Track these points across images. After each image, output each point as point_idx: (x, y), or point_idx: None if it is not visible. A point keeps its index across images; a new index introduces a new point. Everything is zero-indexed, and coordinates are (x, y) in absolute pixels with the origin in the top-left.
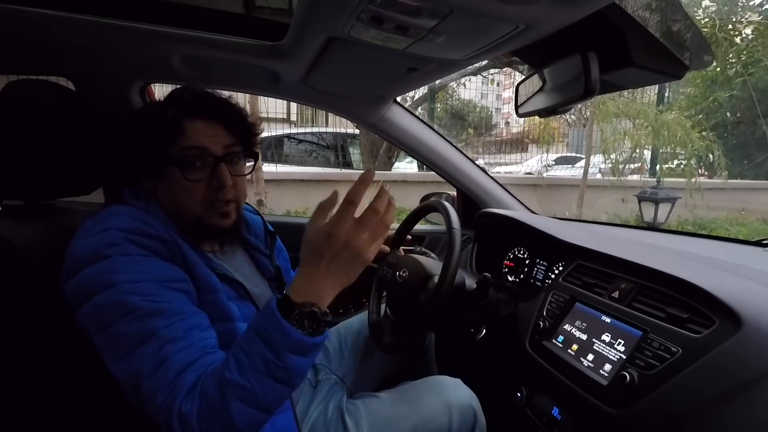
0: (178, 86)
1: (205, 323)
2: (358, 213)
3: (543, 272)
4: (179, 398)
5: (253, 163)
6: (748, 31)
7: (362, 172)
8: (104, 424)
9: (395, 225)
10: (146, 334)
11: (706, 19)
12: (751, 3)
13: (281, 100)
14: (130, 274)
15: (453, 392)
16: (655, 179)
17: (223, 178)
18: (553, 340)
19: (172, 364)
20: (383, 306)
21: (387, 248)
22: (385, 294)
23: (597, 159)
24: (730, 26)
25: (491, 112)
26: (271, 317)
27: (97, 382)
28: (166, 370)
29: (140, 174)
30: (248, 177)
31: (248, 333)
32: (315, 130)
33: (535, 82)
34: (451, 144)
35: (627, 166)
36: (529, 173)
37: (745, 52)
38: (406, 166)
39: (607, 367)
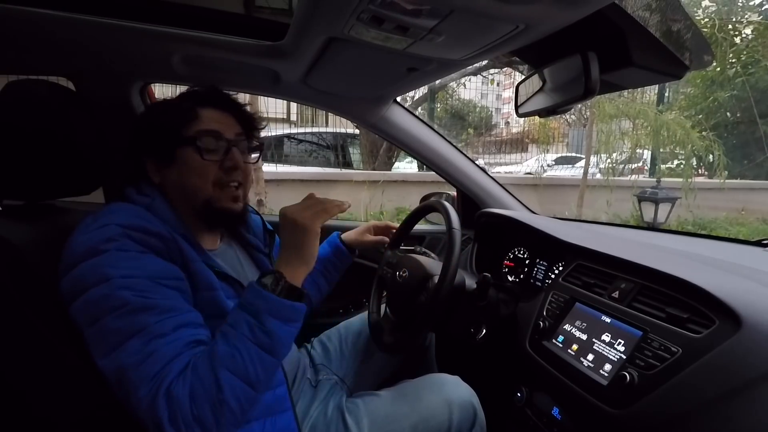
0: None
1: (198, 321)
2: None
3: (543, 272)
4: (165, 385)
5: (258, 155)
6: (748, 31)
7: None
8: (103, 424)
9: (395, 225)
10: (135, 329)
11: (706, 19)
12: (751, 3)
13: (281, 100)
14: (124, 270)
15: (453, 389)
16: (652, 180)
17: (236, 159)
18: (553, 340)
19: (158, 358)
20: (383, 306)
21: (386, 239)
22: (385, 294)
23: (597, 159)
24: (729, 26)
25: (491, 112)
26: (250, 288)
27: (97, 382)
28: (151, 364)
29: (148, 165)
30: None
31: (233, 310)
32: (315, 130)
33: (535, 82)
34: (451, 144)
35: (627, 166)
36: (529, 173)
37: (744, 52)
38: (406, 166)
39: (607, 367)
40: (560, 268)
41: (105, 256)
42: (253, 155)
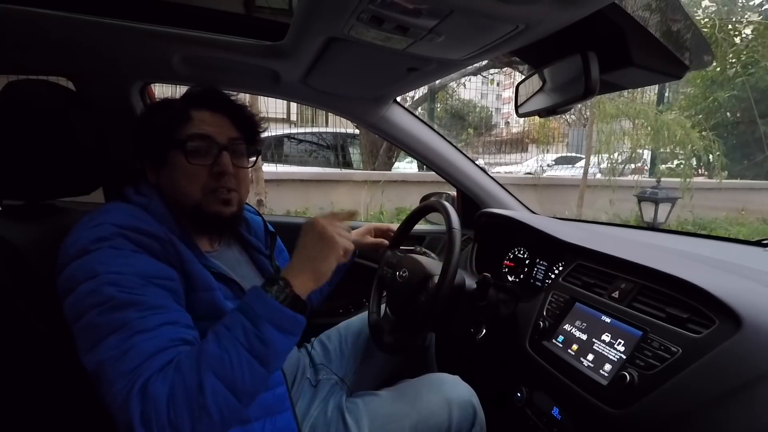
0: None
1: (186, 322)
2: None
3: (543, 272)
4: (141, 382)
5: (255, 158)
6: (748, 31)
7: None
8: (103, 423)
9: (395, 225)
10: (117, 325)
11: (706, 19)
12: (751, 3)
13: (281, 100)
14: (113, 266)
15: (452, 389)
16: (651, 180)
17: (224, 164)
18: (553, 340)
19: (136, 353)
20: (383, 306)
21: (385, 241)
22: (385, 294)
23: (597, 159)
24: (729, 26)
25: (491, 112)
26: (253, 291)
27: None
28: (129, 359)
29: (145, 165)
30: (249, 175)
31: (231, 312)
32: (315, 130)
33: (535, 82)
34: (451, 144)
35: (627, 166)
36: (530, 173)
37: (744, 53)
38: (406, 166)
39: (607, 367)
40: (560, 268)
41: (95, 254)
42: (250, 159)
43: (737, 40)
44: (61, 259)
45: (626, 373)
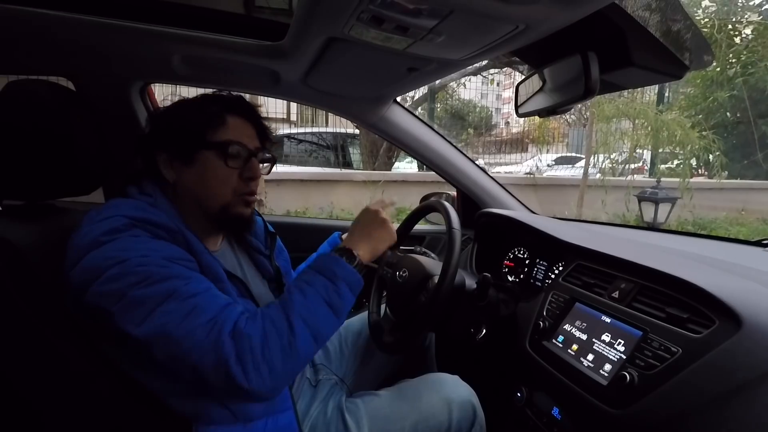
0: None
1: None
2: None
3: (543, 272)
4: (229, 326)
5: (269, 165)
6: (748, 31)
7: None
8: (104, 423)
9: (395, 225)
10: (167, 293)
11: (706, 19)
12: (750, 3)
13: (281, 100)
14: (139, 251)
15: (452, 389)
16: (652, 180)
17: (255, 170)
18: (553, 340)
19: (203, 309)
20: (383, 306)
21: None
22: (385, 294)
23: (595, 159)
24: (729, 26)
25: (491, 112)
26: (330, 256)
27: (98, 381)
28: (198, 314)
29: (161, 161)
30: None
31: (307, 271)
32: (315, 130)
33: (535, 82)
34: (451, 144)
35: (627, 166)
36: (530, 173)
37: (744, 53)
38: (406, 166)
39: (607, 367)
40: (560, 268)
41: (113, 243)
42: (265, 165)
43: (737, 40)
44: (73, 253)
45: (626, 373)
